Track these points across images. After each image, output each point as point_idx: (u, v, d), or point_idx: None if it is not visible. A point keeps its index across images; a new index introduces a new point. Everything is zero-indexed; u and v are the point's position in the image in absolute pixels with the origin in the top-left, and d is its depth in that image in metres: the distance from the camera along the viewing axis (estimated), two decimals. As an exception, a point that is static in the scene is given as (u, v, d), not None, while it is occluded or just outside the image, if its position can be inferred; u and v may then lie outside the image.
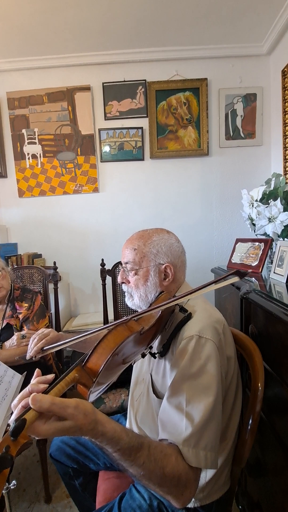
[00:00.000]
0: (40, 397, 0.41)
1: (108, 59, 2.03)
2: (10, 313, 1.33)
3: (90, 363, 0.51)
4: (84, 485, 0.98)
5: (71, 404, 0.44)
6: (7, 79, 2.08)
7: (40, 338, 0.82)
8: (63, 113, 2.10)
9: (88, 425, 0.45)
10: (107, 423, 0.49)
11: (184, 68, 2.05)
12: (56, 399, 0.43)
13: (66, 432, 0.43)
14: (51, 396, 0.43)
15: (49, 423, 0.43)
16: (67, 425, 0.43)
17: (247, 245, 1.48)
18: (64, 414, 0.43)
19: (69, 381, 0.48)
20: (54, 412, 0.42)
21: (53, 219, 2.18)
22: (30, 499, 1.33)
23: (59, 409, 0.42)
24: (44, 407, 0.41)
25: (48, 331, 0.85)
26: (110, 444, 0.48)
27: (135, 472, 0.52)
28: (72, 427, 0.43)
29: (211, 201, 2.15)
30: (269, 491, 0.87)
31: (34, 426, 0.41)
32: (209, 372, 0.61)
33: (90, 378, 0.50)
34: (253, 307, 0.98)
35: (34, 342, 0.82)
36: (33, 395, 0.42)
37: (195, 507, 0.68)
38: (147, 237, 0.78)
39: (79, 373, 0.50)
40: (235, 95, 2.06)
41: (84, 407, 0.45)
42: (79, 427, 0.44)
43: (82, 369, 0.51)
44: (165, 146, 2.09)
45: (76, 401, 0.45)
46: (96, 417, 0.47)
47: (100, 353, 0.51)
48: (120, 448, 0.49)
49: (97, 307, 2.21)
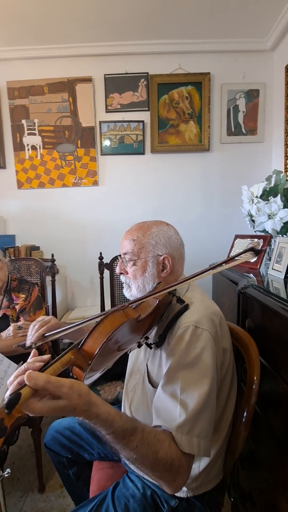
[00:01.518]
0: (35, 374, 0.42)
1: (110, 50, 2.01)
2: (6, 303, 1.32)
3: (86, 346, 0.52)
4: (78, 475, 0.98)
5: (66, 383, 0.44)
6: (8, 68, 2.05)
7: (41, 325, 0.80)
8: (64, 104, 2.07)
9: (82, 406, 0.45)
10: (102, 405, 0.49)
11: (187, 62, 2.03)
12: (52, 377, 0.43)
13: (60, 411, 0.44)
14: (46, 375, 0.43)
15: (44, 401, 0.43)
16: (61, 404, 0.43)
17: (246, 241, 1.48)
18: (58, 393, 0.43)
19: (64, 362, 0.48)
20: (49, 390, 0.42)
21: (51, 212, 2.17)
22: (24, 488, 1.33)
23: (54, 388, 0.42)
24: (39, 384, 0.41)
25: (49, 318, 0.83)
26: (103, 426, 0.49)
27: (128, 455, 0.53)
28: (66, 406, 0.44)
29: (211, 196, 2.15)
30: (261, 484, 0.88)
31: (28, 403, 0.42)
32: (204, 362, 0.61)
33: (85, 361, 0.50)
34: (250, 302, 0.98)
35: (35, 328, 0.79)
36: (29, 372, 0.42)
37: (187, 496, 0.69)
38: (146, 228, 0.78)
39: (75, 355, 0.50)
40: (237, 91, 2.04)
41: (79, 388, 0.45)
42: (73, 407, 0.44)
43: (78, 351, 0.51)
44: (165, 141, 2.08)
45: (71, 381, 0.45)
46: (91, 399, 0.47)
47: (96, 337, 0.52)
48: (113, 431, 0.49)
49: (94, 300, 2.21)
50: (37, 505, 1.25)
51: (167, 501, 0.69)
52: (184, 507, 0.69)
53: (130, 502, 0.70)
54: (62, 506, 1.24)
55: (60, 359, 0.48)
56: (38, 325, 0.81)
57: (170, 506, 0.68)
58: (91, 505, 0.71)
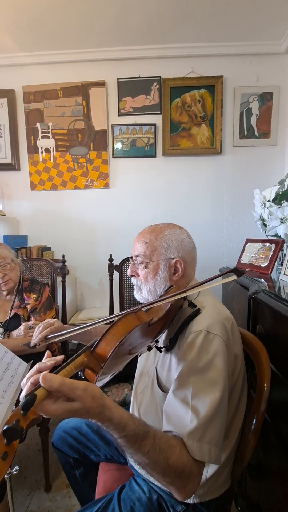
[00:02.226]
0: (50, 376, 0.42)
1: (123, 55, 2.03)
2: (18, 303, 1.35)
3: (99, 348, 0.52)
4: (84, 476, 0.98)
5: (80, 386, 0.44)
6: (24, 73, 2.10)
7: (45, 327, 0.84)
8: (77, 108, 2.11)
9: (96, 409, 0.45)
10: (115, 408, 0.49)
11: (200, 65, 2.03)
12: (66, 379, 0.43)
13: (74, 413, 0.44)
14: (61, 377, 0.44)
15: (58, 403, 0.43)
16: (75, 406, 0.44)
17: (257, 246, 1.46)
18: (72, 395, 0.43)
19: (77, 364, 0.49)
20: (63, 392, 0.43)
21: (63, 213, 2.20)
22: (31, 486, 1.35)
23: (68, 390, 0.43)
24: (54, 386, 0.42)
25: (53, 321, 0.87)
26: (116, 430, 0.49)
27: (139, 460, 0.52)
28: (80, 408, 0.44)
29: (222, 200, 2.13)
30: (269, 493, 0.86)
31: (43, 404, 0.42)
32: (216, 367, 0.61)
33: (98, 363, 0.51)
34: (261, 307, 0.96)
35: (39, 330, 0.84)
36: (44, 373, 0.42)
37: (194, 503, 0.68)
38: (159, 231, 0.78)
39: (88, 357, 0.50)
40: (251, 94, 2.03)
41: (92, 390, 0.46)
42: (87, 409, 0.44)
43: (91, 354, 0.51)
44: (177, 144, 2.08)
45: (85, 384, 0.45)
46: (104, 402, 0.47)
47: (109, 340, 0.52)
48: (126, 434, 0.49)
49: (103, 302, 2.23)
50: (43, 504, 1.26)
51: (173, 506, 0.69)
52: (190, 514, 0.68)
53: (136, 506, 0.69)
54: (67, 506, 1.25)
55: (73, 361, 0.48)
56: (42, 327, 0.85)
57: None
58: (97, 507, 0.71)
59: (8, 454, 0.38)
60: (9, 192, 2.22)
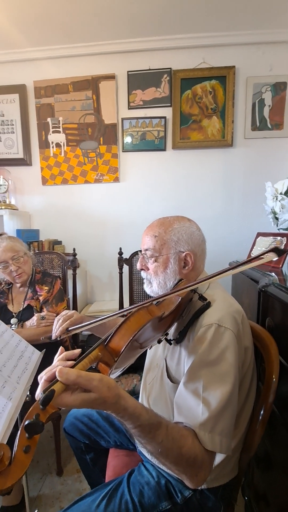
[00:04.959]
0: (66, 370, 0.44)
1: (133, 47, 2.01)
2: (31, 295, 1.39)
3: (112, 343, 0.53)
4: (95, 460, 1.02)
5: (95, 377, 0.46)
6: (35, 68, 2.11)
7: (65, 319, 0.84)
8: (87, 102, 2.11)
9: (112, 399, 0.47)
10: (129, 398, 0.50)
11: (211, 56, 1.99)
12: (82, 372, 0.45)
13: (91, 403, 0.45)
14: (77, 370, 0.45)
15: (76, 394, 0.45)
16: (92, 396, 0.45)
17: (268, 239, 1.44)
18: (89, 387, 0.45)
19: (92, 358, 0.50)
20: (80, 384, 0.44)
21: (73, 207, 2.23)
22: (43, 470, 1.40)
23: (84, 381, 0.44)
24: (71, 379, 0.43)
25: (71, 312, 0.87)
26: (131, 419, 0.50)
27: (153, 449, 0.53)
28: (97, 398, 0.45)
29: (233, 193, 2.10)
30: (276, 484, 0.87)
31: (61, 397, 0.44)
32: (227, 361, 0.61)
33: (112, 357, 0.52)
34: (271, 300, 0.96)
35: (59, 323, 0.84)
36: (60, 368, 0.44)
37: (201, 489, 0.70)
38: (168, 224, 0.78)
39: (102, 351, 0.52)
40: (263, 84, 1.98)
41: (107, 381, 0.47)
42: (103, 400, 0.46)
43: (105, 348, 0.53)
44: (187, 136, 2.06)
45: (100, 375, 0.47)
46: (119, 392, 0.49)
47: (123, 334, 0.53)
48: (140, 424, 0.50)
49: (112, 295, 2.26)
50: (55, 487, 1.31)
51: (181, 491, 0.71)
52: (197, 499, 0.70)
53: (145, 489, 0.72)
54: (78, 490, 1.30)
55: (88, 355, 0.50)
56: (62, 319, 0.85)
57: (184, 496, 0.70)
58: (107, 489, 0.74)
59: (31, 448, 0.40)
60: (21, 187, 2.26)
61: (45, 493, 1.28)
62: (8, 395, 0.70)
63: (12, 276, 1.35)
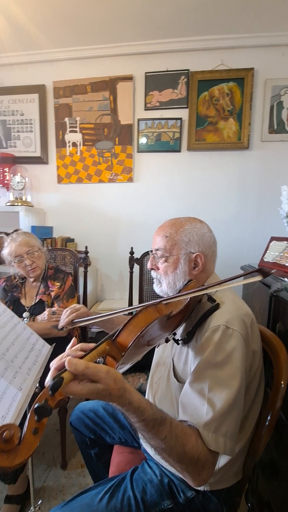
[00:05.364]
0: (75, 360, 0.46)
1: (151, 48, 2.02)
2: (43, 290, 1.42)
3: (120, 338, 0.54)
4: (99, 456, 1.03)
5: (103, 369, 0.47)
6: (55, 69, 2.17)
7: (72, 312, 0.89)
8: (105, 103, 2.14)
9: (117, 391, 0.48)
10: (134, 393, 0.52)
11: (230, 58, 1.97)
12: (90, 363, 0.47)
13: (98, 394, 0.47)
14: (85, 361, 0.47)
15: (83, 383, 0.47)
16: (99, 387, 0.47)
17: (282, 244, 1.41)
18: (96, 378, 0.47)
19: (100, 352, 0.52)
20: (88, 375, 0.46)
21: (87, 206, 2.26)
22: (48, 463, 1.43)
23: (92, 372, 0.46)
24: (79, 369, 0.45)
25: (79, 306, 0.92)
26: (135, 414, 0.51)
27: (156, 445, 0.54)
28: (103, 390, 0.47)
29: (247, 197, 2.08)
30: (281, 493, 0.85)
31: (69, 386, 0.46)
32: (233, 363, 0.61)
33: (119, 352, 0.53)
34: (282, 305, 0.95)
35: (66, 314, 0.89)
36: (69, 358, 0.46)
37: (204, 490, 0.70)
38: (179, 225, 0.79)
39: (109, 346, 0.53)
40: (282, 86, 1.95)
41: (114, 374, 0.49)
42: (109, 391, 0.47)
43: (113, 343, 0.54)
44: (203, 138, 2.05)
45: (107, 367, 0.48)
46: (125, 385, 0.50)
47: (130, 330, 0.54)
48: (144, 419, 0.51)
49: (122, 294, 2.27)
50: (59, 480, 1.34)
51: (184, 491, 0.71)
52: (200, 500, 0.70)
53: (148, 487, 0.72)
54: (82, 484, 1.31)
55: (96, 348, 0.51)
56: (69, 311, 0.90)
57: (186, 497, 0.70)
58: (110, 484, 0.75)
59: (39, 430, 0.42)
60: (37, 184, 2.31)
61: (49, 485, 1.31)
62: (19, 385, 0.72)
63: (26, 270, 1.39)
